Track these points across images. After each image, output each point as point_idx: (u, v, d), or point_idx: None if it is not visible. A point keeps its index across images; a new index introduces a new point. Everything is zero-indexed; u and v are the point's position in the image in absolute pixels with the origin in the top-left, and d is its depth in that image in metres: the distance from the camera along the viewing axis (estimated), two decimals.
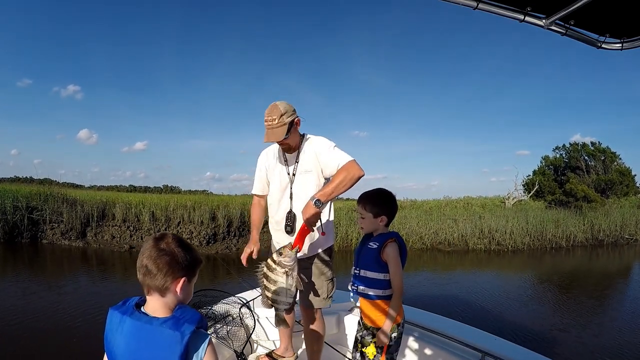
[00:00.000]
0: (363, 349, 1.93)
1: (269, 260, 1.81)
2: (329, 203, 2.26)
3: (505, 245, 13.87)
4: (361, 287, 1.91)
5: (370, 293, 1.88)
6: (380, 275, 1.86)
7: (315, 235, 2.20)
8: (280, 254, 1.78)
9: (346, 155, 2.09)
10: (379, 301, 1.87)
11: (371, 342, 1.90)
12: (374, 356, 1.88)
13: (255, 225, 2.56)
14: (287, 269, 1.77)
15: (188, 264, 1.14)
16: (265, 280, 1.81)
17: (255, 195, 2.54)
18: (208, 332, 1.16)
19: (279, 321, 1.94)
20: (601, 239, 15.26)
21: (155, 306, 1.14)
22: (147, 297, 1.16)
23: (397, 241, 1.88)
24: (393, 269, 1.84)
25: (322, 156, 2.16)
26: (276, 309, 1.85)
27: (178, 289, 1.13)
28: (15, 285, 7.45)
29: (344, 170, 2.00)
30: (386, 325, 1.82)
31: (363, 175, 2.00)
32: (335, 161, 2.08)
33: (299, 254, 1.89)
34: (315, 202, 1.89)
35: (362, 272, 1.91)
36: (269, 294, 1.82)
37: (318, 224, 2.00)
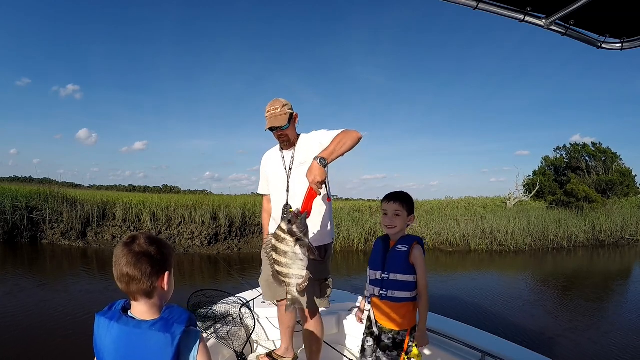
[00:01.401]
0: (407, 356, 1.92)
1: (278, 231, 1.67)
2: (327, 202, 2.28)
3: (507, 245, 13.85)
4: (391, 291, 1.92)
5: (402, 296, 1.91)
6: (410, 278, 1.90)
7: (313, 230, 2.20)
8: (289, 221, 1.64)
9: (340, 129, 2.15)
10: (406, 303, 1.92)
11: (413, 345, 1.91)
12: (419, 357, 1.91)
13: (266, 228, 2.63)
14: (298, 236, 1.65)
15: (166, 258, 1.14)
16: (274, 254, 1.68)
17: (262, 194, 2.64)
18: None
19: (293, 300, 1.76)
20: (602, 239, 15.24)
21: (143, 310, 1.12)
22: (133, 302, 1.13)
23: (420, 243, 1.95)
24: (421, 270, 1.90)
25: (324, 140, 2.15)
26: (288, 285, 1.71)
27: (165, 284, 1.13)
28: (13, 286, 7.45)
29: (342, 133, 2.05)
30: (421, 325, 1.89)
31: (361, 137, 2.04)
32: (332, 135, 2.09)
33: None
34: (320, 161, 1.87)
35: (393, 276, 1.92)
36: (281, 268, 1.68)
37: (323, 189, 1.99)
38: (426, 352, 2.47)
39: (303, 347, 2.51)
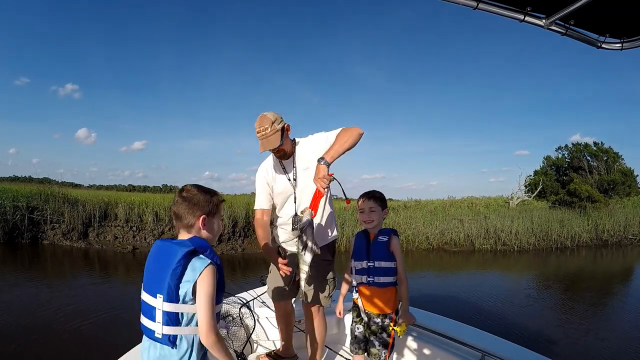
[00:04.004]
0: (394, 327, 2.11)
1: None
2: (326, 200, 2.31)
3: (511, 245, 13.79)
4: (377, 277, 2.13)
5: (386, 281, 2.13)
6: (391, 264, 2.13)
7: (322, 230, 2.28)
8: (295, 220, 1.88)
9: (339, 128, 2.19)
10: (390, 287, 2.14)
11: (401, 322, 2.11)
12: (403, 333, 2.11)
13: (266, 242, 2.30)
14: (298, 230, 1.85)
15: (205, 204, 1.41)
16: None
17: (259, 209, 2.35)
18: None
19: (302, 293, 2.10)
20: (605, 239, 15.18)
21: (181, 237, 1.43)
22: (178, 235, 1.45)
23: (396, 234, 2.21)
24: (399, 257, 2.15)
25: (324, 145, 2.15)
26: (300, 279, 1.96)
27: (200, 224, 1.41)
28: (13, 285, 7.48)
29: (343, 131, 2.12)
30: (405, 304, 2.12)
31: (362, 133, 2.10)
32: (332, 137, 2.15)
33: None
34: (322, 162, 1.96)
35: (377, 264, 2.14)
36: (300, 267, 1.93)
37: (337, 189, 2.09)
38: (426, 352, 2.48)
39: (303, 347, 2.52)
